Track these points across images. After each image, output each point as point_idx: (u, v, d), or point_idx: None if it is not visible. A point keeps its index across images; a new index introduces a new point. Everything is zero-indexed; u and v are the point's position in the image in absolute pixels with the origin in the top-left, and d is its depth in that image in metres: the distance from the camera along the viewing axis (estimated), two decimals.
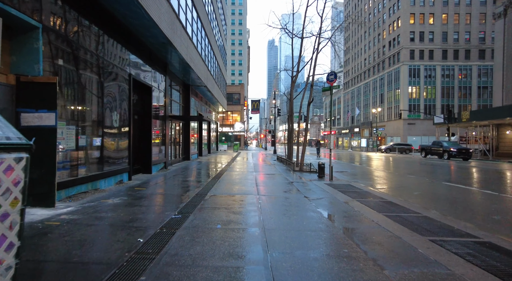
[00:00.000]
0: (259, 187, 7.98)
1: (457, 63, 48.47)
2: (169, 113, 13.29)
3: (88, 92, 6.52)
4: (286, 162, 16.58)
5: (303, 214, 5.04)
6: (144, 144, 10.43)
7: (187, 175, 10.58)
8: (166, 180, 9.05)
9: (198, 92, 19.98)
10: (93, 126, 6.74)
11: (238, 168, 13.60)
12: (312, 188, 8.12)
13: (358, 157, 29.71)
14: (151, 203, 5.65)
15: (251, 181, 9.31)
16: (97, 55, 6.86)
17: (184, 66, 13.16)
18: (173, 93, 14.70)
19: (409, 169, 15.98)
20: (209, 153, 26.33)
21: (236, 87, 50.79)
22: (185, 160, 16.97)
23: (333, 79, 10.51)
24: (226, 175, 10.64)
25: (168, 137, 13.19)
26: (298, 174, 11.82)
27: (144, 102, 10.49)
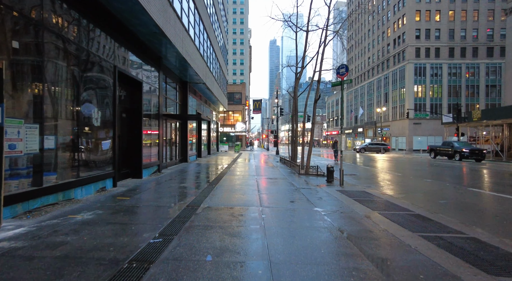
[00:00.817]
0: (261, 195, 6.91)
1: (464, 61, 47.14)
2: (163, 111, 12.25)
3: (58, 85, 5.49)
4: (290, 163, 15.52)
5: (318, 236, 3.97)
6: (133, 145, 9.40)
7: (181, 180, 9.53)
8: (156, 187, 8.00)
9: (196, 90, 18.95)
10: (65, 125, 5.71)
11: (239, 171, 12.54)
12: (322, 196, 7.05)
13: (363, 157, 28.59)
14: (130, 220, 4.60)
15: (252, 187, 8.25)
16: (70, 41, 5.83)
17: (180, 61, 12.12)
18: (168, 90, 13.67)
19: (422, 171, 14.85)
20: (209, 154, 25.29)
21: (237, 87, 49.73)
22: (182, 162, 15.93)
23: (344, 72, 9.43)
24: (225, 180, 9.58)
25: (163, 137, 12.15)
26: (304, 178, 10.75)
27: (134, 98, 9.46)
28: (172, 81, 14.20)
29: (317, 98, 12.61)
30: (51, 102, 5.29)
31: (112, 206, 5.45)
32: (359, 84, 69.03)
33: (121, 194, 6.71)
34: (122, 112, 8.99)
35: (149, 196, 6.64)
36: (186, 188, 7.99)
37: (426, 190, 8.87)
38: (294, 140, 16.93)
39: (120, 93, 8.75)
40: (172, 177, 10.24)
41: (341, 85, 9.50)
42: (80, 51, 6.15)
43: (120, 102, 8.81)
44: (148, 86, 10.34)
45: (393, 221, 4.89)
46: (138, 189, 7.47)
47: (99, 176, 6.84)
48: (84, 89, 6.33)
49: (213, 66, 21.00)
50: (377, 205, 6.21)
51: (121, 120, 8.94)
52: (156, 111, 11.15)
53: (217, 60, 23.14)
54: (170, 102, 14.08)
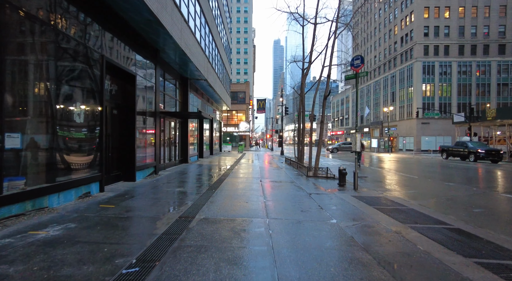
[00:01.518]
0: (267, 203, 5.99)
1: (474, 59, 45.67)
2: (160, 109, 11.39)
3: (24, 72, 4.63)
4: (296, 165, 14.59)
5: (343, 263, 3.04)
6: (126, 144, 8.54)
7: (179, 183, 8.65)
8: (149, 191, 7.12)
9: (198, 87, 18.09)
10: (37, 121, 4.84)
11: (242, 173, 11.64)
12: (338, 204, 6.11)
13: (372, 158, 27.51)
14: (106, 237, 3.71)
15: (256, 192, 7.33)
16: (43, 23, 4.96)
17: (179, 54, 11.26)
18: (167, 86, 12.81)
19: (438, 173, 13.81)
20: (212, 154, 24.43)
21: (241, 86, 48.83)
22: (182, 163, 15.07)
23: (359, 64, 8.48)
24: (227, 183, 8.68)
25: (160, 137, 11.30)
26: (313, 181, 9.81)
27: (126, 94, 8.60)
28: (171, 78, 13.35)
29: (327, 94, 11.66)
30: (14, 93, 4.43)
31: (90, 217, 4.58)
32: (365, 83, 67.78)
33: (106, 201, 5.84)
34: (113, 108, 8.14)
35: (138, 203, 5.76)
36: (183, 193, 7.10)
37: (452, 195, 7.87)
38: (300, 140, 15.99)
39: (111, 87, 7.90)
40: (169, 179, 9.36)
41: (356, 78, 8.55)
42: (60, 37, 5.29)
43: (111, 98, 7.96)
44: (143, 81, 9.48)
45: (431, 238, 3.94)
46: (127, 195, 6.59)
47: (82, 179, 5.98)
48: (62, 80, 5.47)
49: (216, 63, 20.12)
50: (404, 215, 5.26)
51: (112, 118, 8.09)
52: (152, 108, 10.29)
53: (220, 56, 22.27)
54: (169, 99, 13.23)
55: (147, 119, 9.92)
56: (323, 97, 11.66)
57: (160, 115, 11.38)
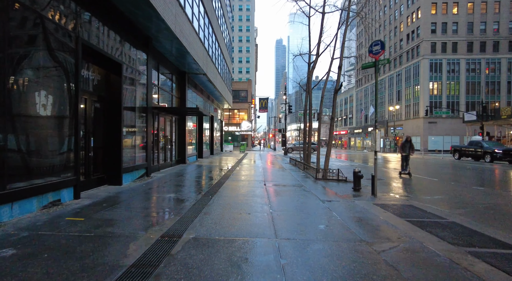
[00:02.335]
0: (274, 215, 4.88)
1: (484, 56, 44.24)
2: (153, 104, 10.31)
3: None
4: (302, 166, 13.46)
5: None
6: (111, 143, 7.46)
7: (171, 188, 7.55)
8: (133, 198, 6.03)
9: (197, 83, 17.00)
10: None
11: (244, 175, 10.53)
12: (361, 216, 4.99)
13: (379, 158, 26.28)
14: (46, 273, 2.61)
15: (260, 199, 6.22)
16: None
17: (175, 44, 10.17)
18: (162, 80, 11.74)
19: (458, 175, 12.63)
20: (212, 154, 23.35)
21: (243, 84, 47.71)
22: (179, 164, 13.98)
23: (379, 51, 7.34)
24: (226, 188, 7.57)
25: (153, 135, 10.22)
26: (323, 184, 8.69)
27: (112, 85, 7.51)
28: (167, 71, 12.27)
29: (337, 88, 10.54)
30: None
31: (43, 237, 3.48)
32: (369, 82, 66.48)
33: (77, 212, 4.75)
34: (95, 101, 7.06)
35: (115, 214, 4.66)
36: (174, 200, 6.00)
37: (489, 203, 6.71)
38: (307, 139, 14.87)
39: (91, 76, 6.81)
40: (161, 183, 8.27)
41: (375, 67, 7.41)
42: (10, 4, 4.21)
43: (93, 89, 6.88)
44: (132, 72, 8.39)
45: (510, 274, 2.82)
46: (107, 202, 5.50)
47: (48, 185, 4.89)
48: (22, 62, 4.39)
49: (216, 57, 19.03)
50: (449, 232, 4.13)
51: (95, 112, 7.02)
52: (143, 103, 9.20)
53: (221, 51, 21.16)
54: (165, 94, 12.15)
55: (137, 116, 8.84)
56: (334, 91, 10.53)
57: (153, 111, 10.29)
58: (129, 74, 8.23)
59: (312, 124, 17.00)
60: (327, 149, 10.64)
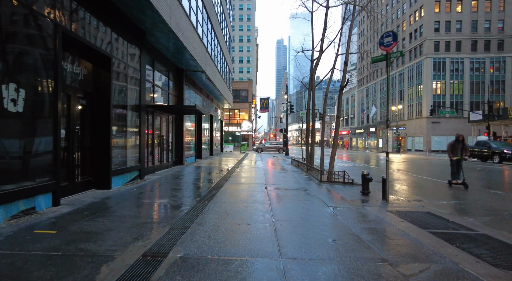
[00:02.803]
0: (278, 226, 4.26)
1: (488, 55, 43.53)
2: (147, 102, 9.70)
3: None
4: (305, 167, 12.85)
5: None
6: (99, 144, 6.86)
7: (164, 192, 6.95)
8: (120, 205, 5.42)
9: (196, 81, 16.40)
10: None
11: (244, 178, 9.92)
12: (376, 226, 4.37)
13: (383, 159, 25.61)
14: None
15: (261, 205, 5.61)
16: None
17: (169, 37, 9.57)
18: (158, 77, 11.15)
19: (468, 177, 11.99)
20: (211, 154, 22.74)
21: (243, 84, 47.13)
22: (177, 165, 13.38)
23: (391, 43, 6.73)
24: (224, 192, 6.96)
25: (147, 135, 9.62)
26: (329, 187, 8.08)
27: (100, 80, 6.92)
28: (164, 68, 11.68)
29: (343, 85, 9.93)
30: None
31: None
32: (371, 81, 65.86)
33: (51, 223, 4.14)
34: (81, 98, 6.46)
35: (95, 225, 4.05)
36: (164, 206, 5.39)
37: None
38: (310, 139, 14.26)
39: (76, 70, 6.21)
40: (154, 186, 7.67)
41: (387, 60, 6.80)
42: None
43: (79, 84, 6.28)
44: (123, 67, 7.80)
45: None
46: (89, 210, 4.90)
47: (20, 191, 4.29)
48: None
49: (216, 55, 18.43)
50: (485, 248, 3.51)
51: (80, 110, 6.42)
52: (136, 101, 8.60)
53: (220, 48, 20.56)
54: (161, 92, 11.56)
55: (130, 114, 8.24)
56: (340, 88, 9.92)
57: (147, 109, 9.70)
58: (120, 70, 7.63)
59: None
60: (332, 149, 10.03)
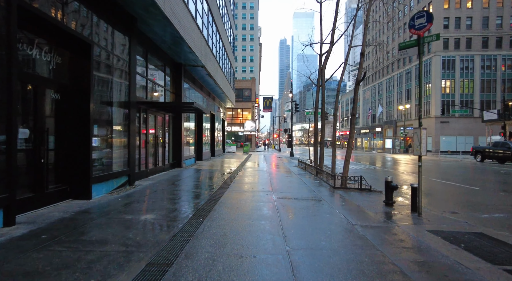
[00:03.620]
0: (295, 260, 3.16)
1: (500, 53, 42.02)
2: (138, 98, 8.64)
3: None
4: (315, 170, 11.74)
5: None
6: (76, 146, 5.81)
7: (153, 203, 5.87)
8: (92, 223, 4.35)
9: (196, 77, 15.34)
10: None
11: (247, 184, 8.83)
12: (426, 259, 3.26)
13: (392, 161, 24.39)
14: None
15: (270, 224, 4.51)
16: None
17: (164, 26, 8.51)
18: (152, 71, 10.11)
19: (499, 182, 10.81)
20: (213, 156, 21.68)
21: (246, 82, 46.05)
22: (174, 167, 12.33)
23: (424, 25, 5.60)
24: (224, 204, 5.88)
25: (137, 135, 8.56)
26: (344, 195, 6.97)
27: (78, 71, 5.86)
28: (159, 62, 10.63)
29: (359, 79, 8.80)
30: None
31: None
32: (377, 80, 64.44)
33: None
34: (55, 91, 5.41)
35: (43, 259, 2.98)
36: (148, 226, 4.31)
37: None
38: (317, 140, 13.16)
39: (46, 57, 5.16)
40: (144, 195, 6.60)
41: (418, 46, 5.69)
42: None
43: (52, 74, 5.23)
44: (107, 56, 6.74)
45: None
46: (50, 232, 3.83)
47: None
48: None
49: (217, 50, 17.36)
50: None
51: (53, 105, 5.37)
52: (124, 96, 7.55)
53: (222, 44, 19.49)
54: (156, 88, 10.51)
55: (116, 111, 7.18)
56: (355, 82, 8.79)
57: (139, 107, 8.65)
58: (104, 60, 6.58)
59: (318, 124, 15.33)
60: (346, 151, 8.91)
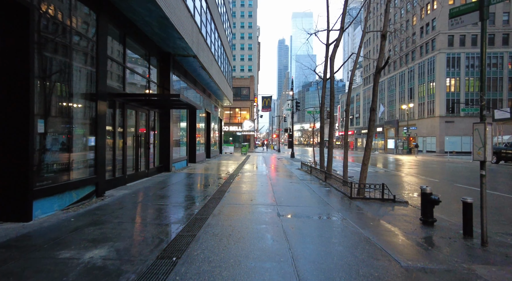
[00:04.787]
0: None
1: (507, 50, 40.65)
2: (111, 89, 7.04)
3: None
4: (322, 174, 10.19)
5: None
6: (10, 146, 4.23)
7: (113, 228, 4.28)
8: (4, 266, 2.77)
9: (188, 71, 13.75)
10: None
11: (245, 193, 7.26)
12: None
13: (398, 162, 22.86)
14: None
15: (278, 262, 2.93)
16: None
17: (145, 2, 6.94)
18: (133, 59, 8.53)
19: None
20: (208, 157, 20.07)
21: (245, 81, 44.45)
22: (161, 172, 10.74)
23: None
24: (212, 230, 4.29)
25: (107, 133, 6.97)
26: (366, 209, 5.38)
27: (9, 44, 4.29)
28: (142, 50, 9.06)
29: (380, 65, 7.26)
30: None
31: None
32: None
33: None
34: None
35: None
36: (94, 270, 2.73)
37: None
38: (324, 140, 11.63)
39: None
40: (109, 212, 5.00)
41: (481, 10, 4.18)
42: None
43: None
44: (62, 33, 5.16)
45: None
46: None
47: None
48: None
49: (212, 42, 15.78)
50: None
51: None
52: (90, 86, 5.96)
53: (218, 35, 17.88)
54: (137, 79, 8.93)
55: (78, 103, 5.60)
56: (376, 71, 7.24)
57: (111, 99, 7.06)
58: (57, 36, 5.00)
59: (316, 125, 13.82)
60: (364, 153, 7.37)
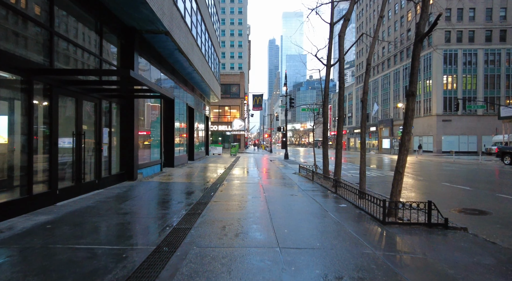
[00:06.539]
0: None
1: (504, 46, 39.57)
2: (18, 58, 4.62)
3: None
4: (329, 183, 7.95)
5: None
6: None
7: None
8: None
9: (162, 54, 11.32)
10: None
11: (230, 217, 4.93)
12: None
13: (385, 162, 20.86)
14: None
15: None
16: None
17: None
18: (74, 29, 6.13)
19: None
20: (192, 159, 17.63)
21: (234, 77, 42.07)
22: (122, 181, 8.32)
23: None
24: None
25: (20, 131, 4.54)
26: (416, 249, 3.11)
27: None
28: (91, 18, 6.66)
29: (423, 34, 5.09)
30: None
31: None
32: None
33: None
34: None
35: None
36: None
37: None
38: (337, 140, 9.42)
39: None
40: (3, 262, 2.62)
41: None
42: None
43: None
44: None
45: None
46: None
47: None
48: None
49: (194, 23, 13.38)
50: None
51: None
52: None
53: (202, 18, 15.48)
54: (83, 57, 6.53)
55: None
56: (415, 41, 5.08)
57: (24, 76, 4.64)
58: None
59: (310, 124, 11.66)
60: (398, 157, 5.18)
